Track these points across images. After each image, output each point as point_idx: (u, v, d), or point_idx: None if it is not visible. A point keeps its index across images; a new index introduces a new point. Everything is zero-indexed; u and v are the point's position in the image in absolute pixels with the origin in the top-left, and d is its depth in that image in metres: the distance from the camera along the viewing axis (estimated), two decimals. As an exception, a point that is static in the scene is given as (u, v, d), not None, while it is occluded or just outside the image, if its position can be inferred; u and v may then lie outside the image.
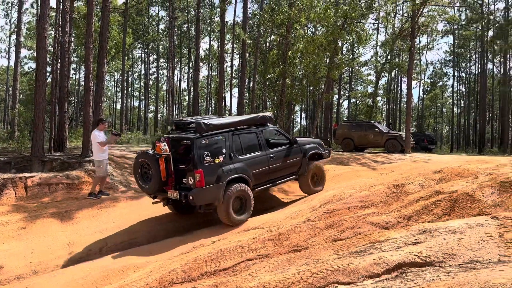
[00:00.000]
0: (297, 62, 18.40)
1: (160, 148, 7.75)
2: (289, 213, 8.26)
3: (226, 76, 42.39)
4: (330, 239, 5.93)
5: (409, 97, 23.43)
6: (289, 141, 9.58)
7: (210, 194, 7.63)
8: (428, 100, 53.13)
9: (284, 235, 6.32)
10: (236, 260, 5.64)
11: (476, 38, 41.20)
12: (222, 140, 8.15)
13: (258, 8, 31.49)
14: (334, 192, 9.05)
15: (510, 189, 7.14)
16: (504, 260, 3.93)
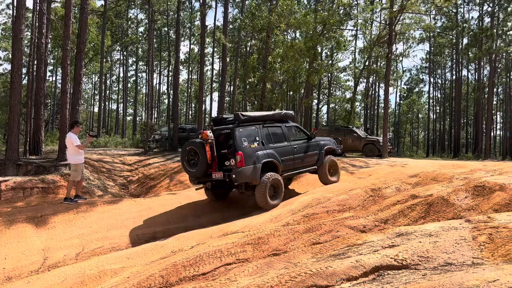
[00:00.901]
0: (277, 67, 18.51)
1: (206, 134, 9.05)
2: (268, 217, 8.29)
3: (206, 80, 42.26)
4: (309, 243, 5.97)
5: (386, 103, 23.86)
6: (307, 136, 11.00)
7: (249, 173, 8.93)
8: (405, 106, 54.22)
9: (263, 239, 6.33)
10: (215, 264, 5.61)
11: (451, 46, 42.34)
12: (255, 130, 9.60)
13: (239, 13, 31.58)
14: (313, 196, 9.13)
15: (484, 193, 7.35)
16: (478, 262, 4.04)
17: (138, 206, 9.95)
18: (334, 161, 11.38)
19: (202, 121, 24.90)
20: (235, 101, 26.16)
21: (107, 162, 16.10)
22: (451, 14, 38.38)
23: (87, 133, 10.47)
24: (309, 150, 10.77)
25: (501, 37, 35.03)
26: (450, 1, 30.39)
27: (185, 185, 13.84)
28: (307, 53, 18.68)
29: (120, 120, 54.02)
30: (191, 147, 9.26)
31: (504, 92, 45.47)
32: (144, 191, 14.35)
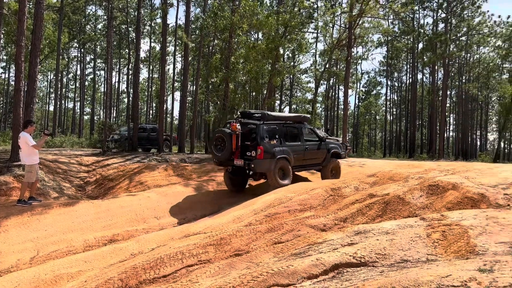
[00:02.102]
0: (240, 67, 18.50)
1: (235, 126, 10.41)
2: (231, 217, 8.27)
3: (168, 79, 41.61)
4: (271, 242, 6.01)
5: (346, 104, 24.46)
6: (319, 138, 12.42)
7: (266, 165, 10.41)
8: (363, 108, 55.76)
9: (225, 239, 6.31)
10: (176, 266, 5.54)
11: (407, 50, 43.97)
12: (276, 128, 11.02)
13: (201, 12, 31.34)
14: (275, 195, 9.19)
15: (437, 192, 7.68)
16: (432, 259, 4.22)
17: (96, 208, 9.65)
18: (337, 164, 12.90)
19: (163, 121, 24.50)
20: (198, 101, 25.93)
21: (63, 163, 15.50)
22: (407, 19, 39.88)
23: (41, 132, 10.02)
24: (319, 151, 12.21)
25: (454, 42, 36.78)
26: (407, 7, 31.58)
27: (145, 186, 13.56)
28: (269, 55, 18.81)
29: (77, 119, 52.15)
30: (219, 135, 10.77)
31: (456, 95, 47.75)
32: (103, 192, 13.93)
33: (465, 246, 4.34)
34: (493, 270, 3.13)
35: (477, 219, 5.26)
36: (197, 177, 14.56)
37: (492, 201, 6.83)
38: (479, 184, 7.82)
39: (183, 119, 25.11)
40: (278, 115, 11.93)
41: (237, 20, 17.07)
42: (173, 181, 14.08)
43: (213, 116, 21.28)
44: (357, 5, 22.77)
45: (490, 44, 40.14)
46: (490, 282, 2.84)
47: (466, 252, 4.21)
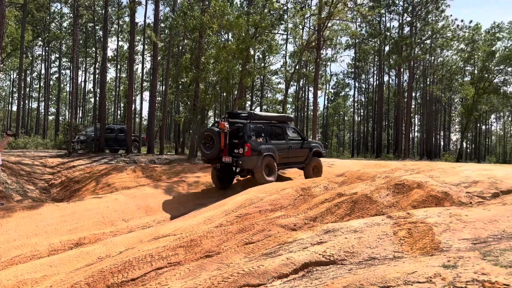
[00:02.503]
0: (210, 67, 18.38)
1: (224, 125, 10.91)
2: (202, 218, 8.20)
3: (136, 79, 40.87)
4: (242, 243, 6.00)
5: (315, 106, 24.79)
6: (302, 138, 13.05)
7: (253, 161, 10.93)
8: (332, 109, 56.65)
9: (196, 241, 6.26)
10: (145, 269, 5.45)
11: (374, 52, 45.00)
12: (262, 127, 11.59)
13: (170, 11, 30.96)
14: (246, 196, 9.20)
15: (403, 191, 7.88)
16: (398, 256, 4.32)
17: (61, 211, 9.36)
18: (319, 162, 13.48)
19: (131, 121, 24.04)
20: (167, 101, 25.59)
21: (26, 165, 14.95)
22: (374, 23, 40.82)
23: (3, 132, 9.62)
24: (301, 150, 12.81)
25: (419, 45, 37.91)
26: (374, 10, 32.33)
27: (113, 188, 13.26)
28: (240, 55, 18.79)
29: (42, 119, 50.39)
30: (208, 133, 11.24)
31: (421, 97, 49.22)
32: (68, 195, 13.53)
33: (430, 243, 4.48)
34: (457, 266, 3.24)
35: (441, 217, 5.43)
36: (167, 179, 14.37)
37: (455, 199, 7.07)
38: (442, 183, 8.08)
39: (152, 120, 24.72)
40: (264, 114, 12.57)
41: (207, 20, 16.95)
42: (142, 183, 13.84)
43: (183, 116, 21.05)
44: (326, 7, 23.12)
45: (453, 47, 41.68)
46: (454, 278, 2.94)
47: (431, 248, 4.34)
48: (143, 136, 25.67)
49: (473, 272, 3.01)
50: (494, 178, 8.11)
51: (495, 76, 36.94)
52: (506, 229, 4.70)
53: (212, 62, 18.84)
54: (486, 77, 36.07)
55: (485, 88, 35.92)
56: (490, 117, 58.42)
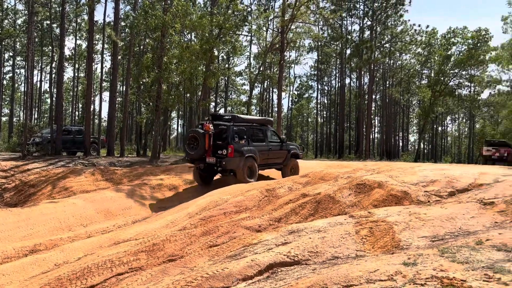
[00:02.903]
0: (173, 67, 18.07)
1: (209, 127, 11.42)
2: (164, 222, 8.03)
3: (95, 79, 39.65)
4: (206, 246, 5.92)
5: (279, 107, 24.99)
6: (281, 140, 13.74)
7: (236, 162, 11.48)
8: (296, 110, 57.32)
9: (158, 245, 6.12)
10: (105, 275, 5.26)
11: (336, 55, 45.91)
12: (244, 130, 12.19)
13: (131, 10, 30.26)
14: (211, 198, 9.10)
15: (364, 190, 8.05)
16: (361, 254, 4.39)
17: (14, 216, 8.90)
18: (296, 163, 14.16)
19: (90, 123, 23.29)
20: (128, 102, 24.99)
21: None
22: (336, 26, 41.65)
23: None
24: (280, 151, 13.48)
25: (379, 49, 39.04)
26: (335, 14, 32.99)
27: (70, 192, 12.77)
28: (204, 56, 18.62)
29: (-6, 121, 47.90)
30: (193, 135, 11.76)
31: (381, 99, 50.70)
32: (23, 199, 12.90)
33: (391, 241, 4.58)
34: (416, 263, 3.31)
35: (401, 215, 5.58)
36: (128, 182, 14.00)
37: (414, 198, 7.29)
38: (402, 182, 8.32)
39: (112, 121, 24.03)
40: (246, 117, 13.13)
41: (169, 19, 16.66)
42: (101, 186, 13.41)
43: (145, 117, 20.63)
44: (289, 10, 23.37)
45: (411, 51, 43.18)
46: (414, 275, 3.00)
47: (391, 247, 4.43)
48: (102, 138, 24.88)
49: (432, 269, 3.09)
50: (451, 177, 8.44)
51: (451, 79, 38.63)
52: (462, 226, 4.88)
53: (175, 62, 18.54)
54: (442, 80, 37.65)
55: (441, 91, 37.48)
56: (446, 118, 61.02)
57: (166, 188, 13.03)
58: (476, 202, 6.03)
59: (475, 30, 36.75)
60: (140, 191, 12.35)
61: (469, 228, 4.79)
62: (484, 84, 41.93)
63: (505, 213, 5.23)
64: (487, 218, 5.19)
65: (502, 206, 5.54)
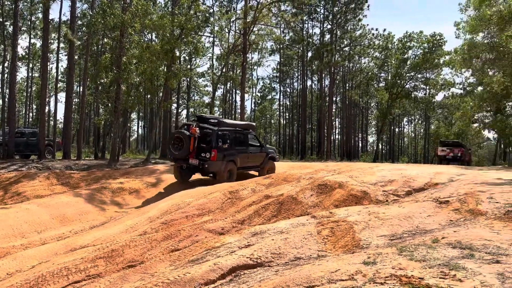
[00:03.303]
0: (133, 68, 17.64)
1: (195, 130, 11.91)
2: (123, 227, 7.81)
3: (50, 79, 38.10)
4: (167, 250, 5.80)
5: (242, 109, 25.01)
6: (260, 144, 14.61)
7: (218, 166, 12.03)
8: (259, 112, 57.56)
9: (117, 251, 5.93)
10: (61, 283, 5.05)
11: (298, 58, 46.51)
12: (228, 134, 12.69)
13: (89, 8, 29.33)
14: (173, 201, 8.95)
15: (326, 190, 8.18)
16: (322, 254, 4.43)
17: (-39, 224, 8.35)
18: (273, 165, 14.98)
19: (45, 125, 22.34)
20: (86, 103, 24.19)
21: None
22: (298, 29, 42.20)
23: None
24: (259, 155, 14.25)
25: (339, 52, 39.91)
26: (297, 17, 33.44)
27: (23, 197, 12.17)
28: (165, 56, 18.30)
29: None
30: (178, 136, 12.21)
31: (341, 101, 51.86)
32: (-29, 206, 12.15)
33: (351, 241, 4.66)
34: (376, 262, 3.38)
35: (360, 215, 5.70)
36: (86, 186, 13.52)
37: (373, 198, 7.48)
38: (361, 183, 8.53)
39: (68, 123, 23.14)
40: (231, 122, 13.97)
41: (128, 18, 16.25)
42: (57, 191, 12.87)
43: (103, 119, 20.01)
44: (251, 12, 23.45)
45: (370, 55, 44.45)
46: (374, 274, 3.06)
47: (352, 246, 4.51)
48: (58, 140, 23.92)
49: (391, 268, 3.16)
50: (408, 177, 8.74)
51: (407, 82, 40.05)
52: (419, 225, 5.05)
53: (134, 63, 18.11)
54: (398, 83, 38.99)
55: (398, 93, 38.82)
56: (402, 120, 63.22)
57: (126, 191, 12.69)
58: (432, 201, 6.26)
59: (430, 35, 38.32)
60: (98, 195, 11.95)
61: (426, 227, 4.96)
62: (438, 87, 43.75)
63: (459, 212, 5.46)
64: (443, 216, 5.39)
65: (456, 205, 5.78)
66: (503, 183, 7.38)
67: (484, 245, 3.65)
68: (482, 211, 5.26)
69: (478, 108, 27.21)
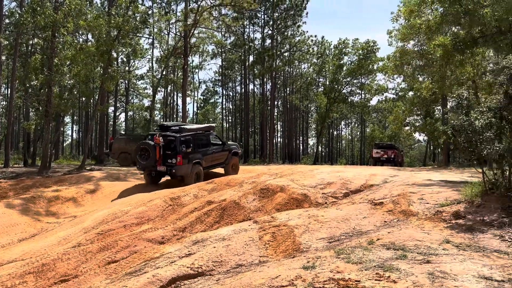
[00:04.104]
0: (65, 70, 16.71)
1: (159, 140, 12.68)
2: (56, 239, 7.35)
3: (-26, 80, 35.12)
4: (103, 263, 5.54)
5: (184, 112, 24.67)
6: (222, 142, 15.36)
7: (184, 169, 12.88)
8: (202, 115, 57.09)
9: (49, 265, 5.57)
10: (-17, 305, 4.64)
11: (240, 62, 46.72)
12: (190, 139, 13.45)
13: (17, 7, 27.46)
14: (109, 210, 8.57)
15: (268, 195, 8.25)
16: (264, 260, 4.45)
17: None
18: (236, 161, 15.94)
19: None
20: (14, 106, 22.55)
21: None
22: (239, 33, 42.39)
23: None
24: (222, 153, 14.97)
25: (280, 57, 40.60)
26: (238, 21, 33.60)
27: None
28: (101, 58, 17.54)
29: None
30: (144, 147, 12.91)
31: (283, 105, 52.80)
32: None
33: (292, 245, 4.72)
34: (315, 267, 3.44)
35: (301, 219, 5.80)
36: (14, 195, 12.58)
37: (313, 200, 7.67)
38: (302, 186, 8.71)
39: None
40: (191, 127, 14.58)
41: (61, 18, 15.38)
42: (-19, 201, 11.84)
43: (33, 123, 18.73)
44: (192, 15, 23.18)
45: (309, 60, 45.72)
46: (313, 278, 3.11)
47: (292, 250, 4.57)
48: (-17, 147, 22.09)
49: (329, 271, 3.23)
50: (345, 179, 9.06)
51: (344, 87, 41.70)
52: (356, 226, 5.23)
53: (68, 64, 17.17)
54: (336, 88, 40.48)
55: (336, 98, 40.29)
56: (340, 123, 65.59)
57: (61, 200, 11.97)
58: (368, 202, 6.53)
59: (364, 42, 40.20)
60: (28, 205, 11.15)
61: (362, 228, 5.15)
62: (373, 92, 45.95)
63: (393, 213, 5.74)
64: (378, 217, 5.64)
65: (390, 206, 6.06)
66: (432, 184, 7.87)
67: (416, 245, 3.85)
68: (413, 212, 5.56)
69: (409, 112, 28.93)
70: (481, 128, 5.61)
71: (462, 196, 5.79)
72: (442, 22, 15.70)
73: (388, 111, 47.17)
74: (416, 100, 26.61)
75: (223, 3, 23.21)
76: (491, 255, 3.53)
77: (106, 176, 15.00)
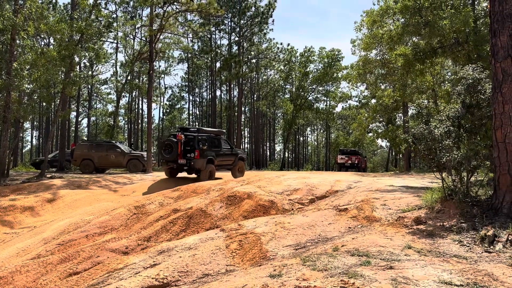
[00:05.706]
0: (25, 74, 16.09)
1: (181, 137, 14.95)
2: (14, 250, 7.05)
3: None
4: (64, 274, 5.35)
5: (150, 118, 24.26)
6: (230, 146, 17.55)
7: (200, 163, 14.88)
8: (168, 121, 56.38)
9: (6, 278, 5.34)
10: None
11: (207, 68, 46.59)
12: (206, 139, 15.59)
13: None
14: (71, 220, 8.30)
15: (235, 202, 8.23)
16: (231, 269, 4.43)
17: None
18: (243, 164, 18.01)
19: None
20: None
21: None
22: (206, 39, 42.30)
23: None
24: (231, 155, 17.13)
25: (247, 64, 40.81)
26: (204, 27, 33.52)
27: None
28: (62, 62, 17.03)
29: None
30: (168, 142, 15.30)
31: (250, 111, 53.01)
32: None
33: (259, 253, 4.73)
34: (282, 275, 3.47)
35: (268, 226, 5.83)
36: (-33, 205, 11.92)
37: (279, 207, 7.72)
38: (269, 192, 8.76)
39: None
40: (207, 130, 17.10)
41: (21, 21, 14.84)
42: None
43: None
44: (157, 20, 22.92)
45: (275, 67, 46.20)
46: (279, 287, 3.13)
47: (259, 258, 4.58)
48: None
49: (295, 279, 3.26)
50: (311, 185, 9.18)
51: (309, 94, 42.43)
52: (321, 233, 5.31)
53: (27, 69, 16.56)
54: (302, 94, 41.14)
55: (302, 104, 40.93)
56: (306, 129, 66.58)
57: (18, 210, 11.44)
58: (333, 208, 6.65)
59: (329, 50, 41.08)
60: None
61: (327, 235, 5.23)
62: (337, 99, 46.96)
63: (357, 219, 5.87)
64: (342, 223, 5.74)
65: (354, 212, 6.20)
66: (394, 190, 8.10)
67: (379, 251, 3.95)
68: (376, 217, 5.70)
69: (372, 119, 29.77)
70: (440, 136, 5.85)
71: (423, 202, 6.00)
72: (403, 32, 16.33)
73: (352, 118, 48.31)
74: (378, 108, 27.43)
75: (189, 9, 23.08)
76: (451, 260, 3.68)
77: (67, 184, 14.52)
